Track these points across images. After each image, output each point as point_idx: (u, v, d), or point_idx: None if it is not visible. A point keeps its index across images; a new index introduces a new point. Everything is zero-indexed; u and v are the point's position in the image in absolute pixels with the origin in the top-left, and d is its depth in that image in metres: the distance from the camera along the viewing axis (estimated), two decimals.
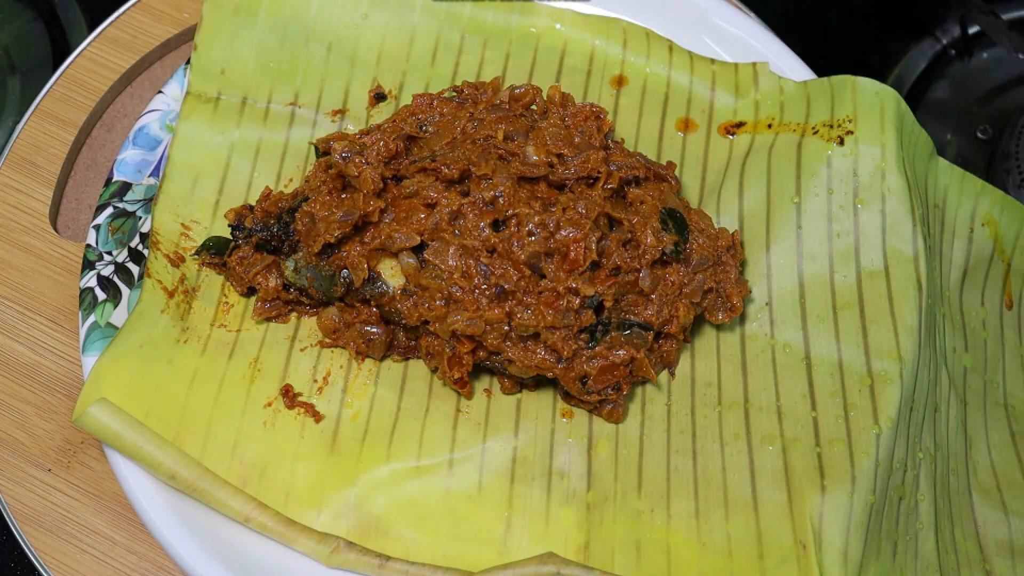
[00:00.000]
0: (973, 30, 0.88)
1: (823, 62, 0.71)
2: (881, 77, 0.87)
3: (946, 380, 0.64)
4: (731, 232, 0.64)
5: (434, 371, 0.62)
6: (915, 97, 0.87)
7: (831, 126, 0.66)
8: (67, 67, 0.72)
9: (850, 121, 0.65)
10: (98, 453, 0.63)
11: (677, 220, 0.61)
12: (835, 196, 0.65)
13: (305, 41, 0.70)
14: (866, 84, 0.66)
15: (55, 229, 0.68)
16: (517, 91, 0.65)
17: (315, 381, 0.62)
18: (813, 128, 0.66)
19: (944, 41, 0.89)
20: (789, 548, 0.56)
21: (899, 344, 0.61)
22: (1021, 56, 0.79)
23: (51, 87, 0.72)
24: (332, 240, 0.59)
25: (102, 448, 0.59)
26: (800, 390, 0.62)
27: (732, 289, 0.62)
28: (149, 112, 0.68)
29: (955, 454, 0.63)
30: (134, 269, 0.62)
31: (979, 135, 0.86)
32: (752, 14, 0.74)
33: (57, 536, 0.61)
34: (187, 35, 0.74)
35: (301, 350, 0.63)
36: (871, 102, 0.66)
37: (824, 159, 0.66)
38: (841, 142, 0.65)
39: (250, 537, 0.57)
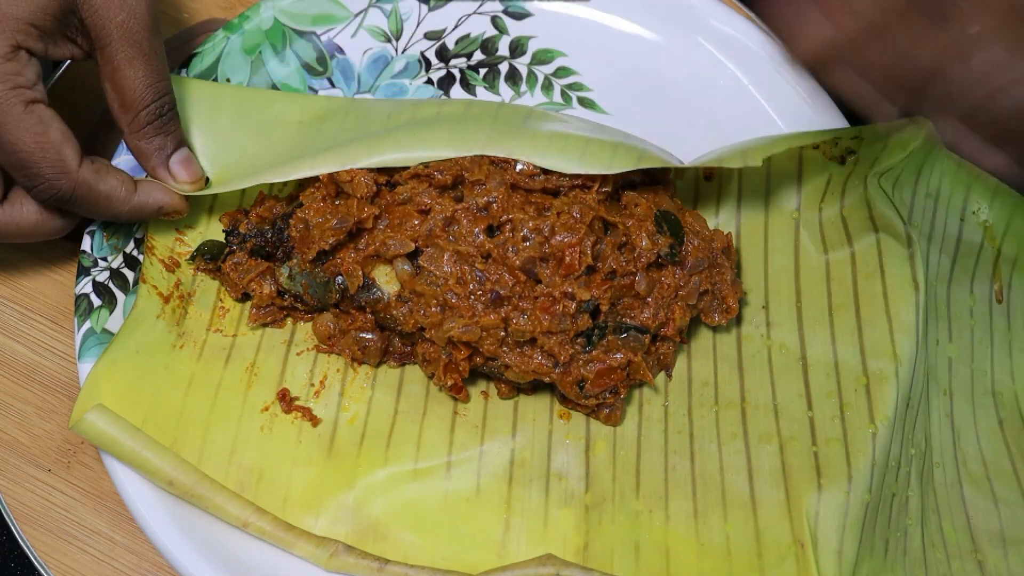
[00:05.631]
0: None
1: None
2: None
3: (927, 373, 0.64)
4: (726, 234, 0.63)
5: (430, 377, 0.62)
6: None
7: (836, 143, 0.65)
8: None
9: (854, 139, 0.64)
10: (98, 454, 0.63)
11: (672, 223, 0.61)
12: (833, 202, 0.65)
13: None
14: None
15: None
16: None
17: (312, 385, 0.62)
18: (814, 144, 0.65)
19: None
20: (787, 547, 0.57)
21: (894, 343, 0.61)
22: None
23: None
24: (327, 247, 0.59)
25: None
26: (796, 390, 0.62)
27: (728, 291, 0.62)
28: None
29: (939, 447, 0.63)
30: (129, 275, 0.62)
31: None
32: (752, 14, 0.73)
33: (57, 536, 0.61)
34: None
35: (297, 354, 0.63)
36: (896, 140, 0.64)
37: (825, 174, 0.65)
38: (842, 161, 0.65)
39: (249, 542, 0.57)
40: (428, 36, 0.71)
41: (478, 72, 0.71)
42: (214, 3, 0.75)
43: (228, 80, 0.67)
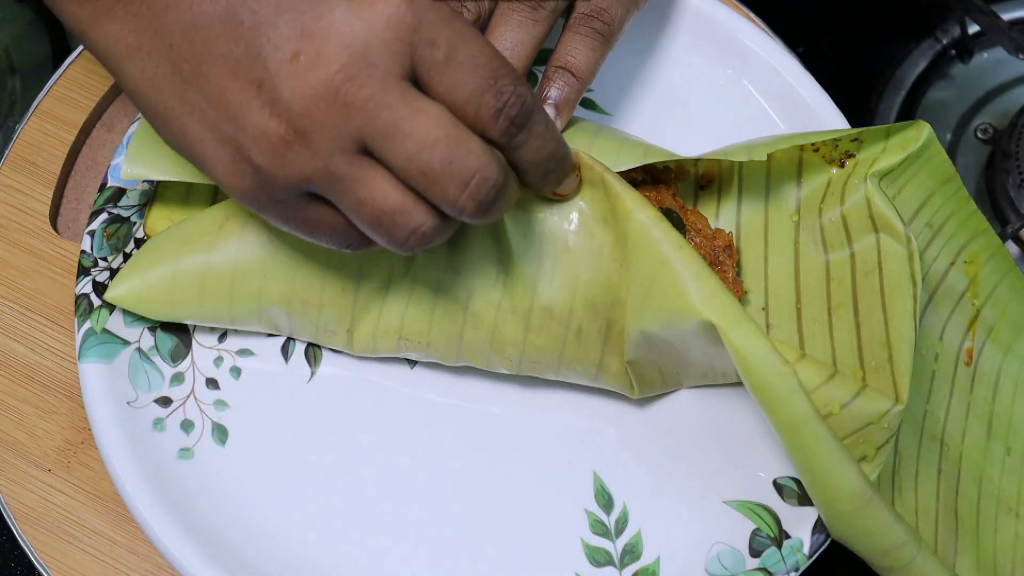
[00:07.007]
0: (973, 30, 0.87)
1: (822, 63, 0.71)
2: (881, 77, 0.87)
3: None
4: (727, 232, 0.63)
5: None
6: (915, 97, 0.87)
7: (836, 145, 0.64)
8: (67, 67, 0.72)
9: (854, 141, 0.63)
10: (98, 454, 0.63)
11: (674, 220, 0.61)
12: (834, 204, 0.64)
13: None
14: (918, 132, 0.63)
15: (55, 229, 0.69)
16: None
17: None
18: (814, 146, 0.64)
19: (944, 41, 0.88)
20: None
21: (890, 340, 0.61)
22: (1021, 56, 0.79)
23: (51, 87, 0.72)
24: None
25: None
26: None
27: (729, 289, 0.62)
28: None
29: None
30: None
31: (979, 135, 0.86)
32: (753, 14, 0.73)
33: (57, 536, 0.61)
34: None
35: None
36: (898, 141, 0.63)
37: (824, 178, 0.65)
38: (842, 164, 0.64)
39: (249, 543, 0.57)
40: None
41: None
42: None
43: None
